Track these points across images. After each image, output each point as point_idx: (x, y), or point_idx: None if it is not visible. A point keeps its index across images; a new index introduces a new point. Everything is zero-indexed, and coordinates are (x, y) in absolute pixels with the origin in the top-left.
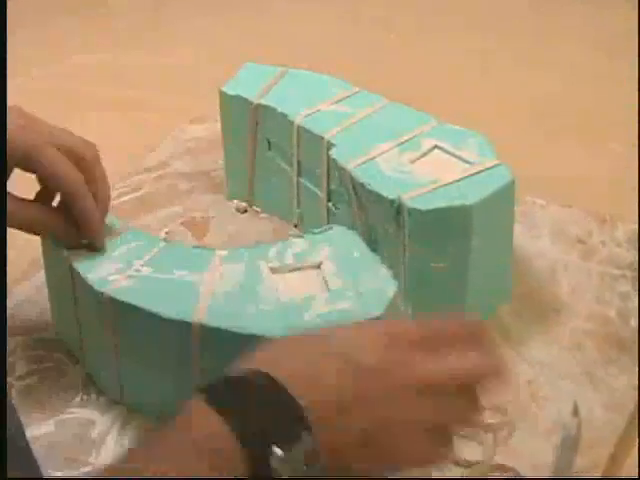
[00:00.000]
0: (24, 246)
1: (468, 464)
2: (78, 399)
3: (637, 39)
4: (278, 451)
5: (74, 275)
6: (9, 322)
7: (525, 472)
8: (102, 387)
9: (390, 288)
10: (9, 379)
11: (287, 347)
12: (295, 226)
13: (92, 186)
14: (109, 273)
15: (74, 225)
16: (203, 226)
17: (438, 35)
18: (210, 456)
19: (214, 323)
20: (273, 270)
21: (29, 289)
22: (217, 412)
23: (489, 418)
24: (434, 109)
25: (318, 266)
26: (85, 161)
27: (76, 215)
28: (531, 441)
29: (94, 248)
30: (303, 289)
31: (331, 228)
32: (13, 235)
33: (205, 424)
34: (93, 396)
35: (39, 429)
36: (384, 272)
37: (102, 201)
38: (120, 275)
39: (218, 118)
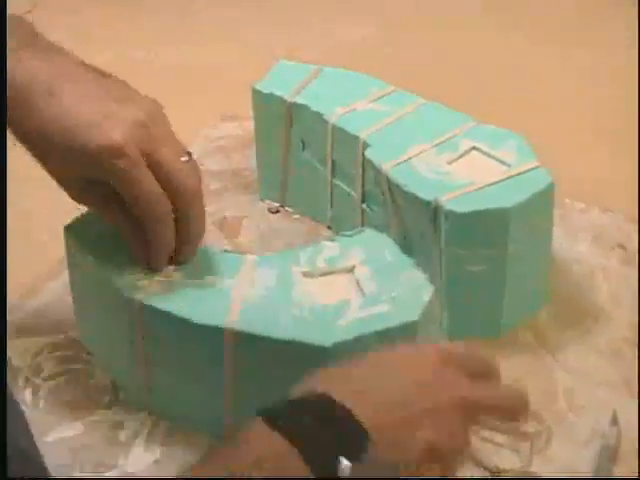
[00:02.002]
0: (50, 243)
1: (500, 471)
2: (106, 401)
3: None
4: (345, 461)
5: (101, 280)
6: (36, 321)
7: None
8: (128, 395)
9: (426, 292)
10: (37, 380)
11: (347, 369)
12: (328, 227)
13: (181, 225)
14: (138, 278)
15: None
16: (235, 226)
17: (477, 35)
18: (272, 471)
19: (247, 329)
20: (305, 275)
21: (57, 288)
22: (279, 432)
23: (525, 426)
24: (472, 109)
25: (351, 270)
26: (182, 195)
27: (149, 243)
28: (568, 450)
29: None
30: (337, 294)
31: (363, 231)
32: (38, 231)
33: (268, 442)
34: (121, 398)
35: (68, 431)
36: (419, 276)
37: (185, 243)
38: (150, 280)
39: (250, 116)
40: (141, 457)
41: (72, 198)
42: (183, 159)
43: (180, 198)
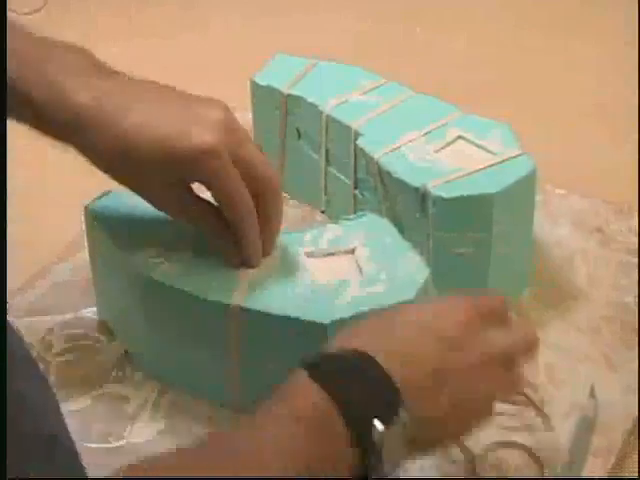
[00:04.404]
0: (62, 226)
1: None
2: (113, 375)
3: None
4: (379, 425)
5: (118, 257)
6: (47, 302)
7: (541, 453)
8: (140, 364)
9: (421, 274)
10: (47, 356)
11: (377, 325)
12: (322, 212)
13: (263, 219)
14: (152, 256)
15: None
16: None
17: (462, 27)
18: (308, 423)
19: (252, 306)
20: (308, 255)
21: (68, 270)
22: (319, 385)
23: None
24: (460, 100)
25: (352, 251)
26: (268, 187)
27: (237, 238)
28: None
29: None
30: (337, 274)
31: (364, 215)
32: (51, 215)
33: (306, 395)
34: (128, 373)
35: (76, 404)
36: (416, 258)
37: (268, 237)
38: (164, 260)
39: (249, 107)
40: (146, 428)
41: (154, 205)
42: None
43: (266, 191)
